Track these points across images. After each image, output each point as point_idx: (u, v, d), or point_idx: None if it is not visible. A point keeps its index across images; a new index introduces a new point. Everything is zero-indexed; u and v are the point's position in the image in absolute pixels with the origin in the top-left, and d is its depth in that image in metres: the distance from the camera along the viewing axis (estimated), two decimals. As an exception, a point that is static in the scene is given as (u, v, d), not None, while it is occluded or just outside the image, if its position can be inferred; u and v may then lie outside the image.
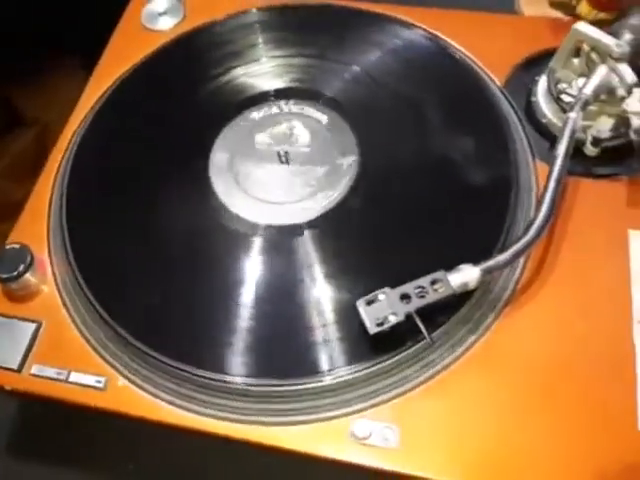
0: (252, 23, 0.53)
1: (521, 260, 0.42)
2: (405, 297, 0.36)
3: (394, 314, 0.36)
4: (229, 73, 0.50)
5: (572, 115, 0.42)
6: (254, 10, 0.54)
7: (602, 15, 0.54)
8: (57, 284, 0.45)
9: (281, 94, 0.50)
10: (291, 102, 0.49)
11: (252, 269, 0.42)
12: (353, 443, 0.36)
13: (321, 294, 0.40)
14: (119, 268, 0.43)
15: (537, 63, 0.49)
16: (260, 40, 0.52)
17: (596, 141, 0.43)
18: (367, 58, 0.50)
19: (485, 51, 0.51)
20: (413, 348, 0.37)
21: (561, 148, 0.41)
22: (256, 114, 0.49)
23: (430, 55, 0.49)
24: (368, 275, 0.40)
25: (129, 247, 0.44)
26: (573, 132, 0.41)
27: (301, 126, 0.48)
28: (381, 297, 0.36)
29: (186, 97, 0.50)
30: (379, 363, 0.37)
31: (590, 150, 0.44)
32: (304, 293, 0.40)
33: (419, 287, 0.36)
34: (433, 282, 0.37)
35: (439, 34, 0.52)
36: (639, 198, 0.43)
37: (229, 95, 0.49)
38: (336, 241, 0.43)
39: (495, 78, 0.50)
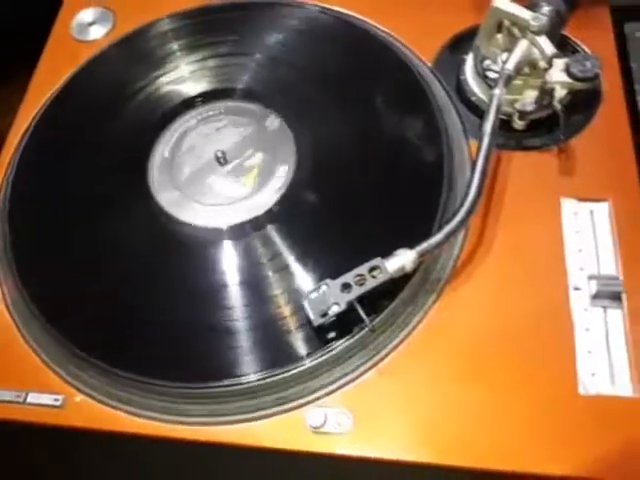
0: (166, 31, 0.53)
1: (459, 237, 0.43)
2: (346, 287, 0.37)
3: (336, 304, 0.37)
4: (153, 83, 0.50)
5: (496, 92, 0.42)
6: (166, 19, 0.54)
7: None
8: (6, 303, 0.45)
9: (207, 97, 0.50)
10: (218, 103, 0.49)
11: (193, 276, 0.42)
12: (309, 432, 0.37)
13: (265, 290, 0.41)
14: (66, 284, 0.43)
15: (465, 41, 0.50)
16: (175, 47, 0.52)
17: (522, 114, 0.44)
18: (286, 47, 0.50)
19: (414, 32, 0.52)
20: (358, 335, 0.38)
21: (487, 125, 0.41)
22: (185, 120, 0.49)
23: (352, 38, 0.50)
24: (314, 267, 0.41)
25: (75, 262, 0.44)
26: (498, 108, 0.42)
27: (231, 125, 0.48)
28: (323, 288, 0.37)
29: (115, 110, 0.50)
30: (327, 353, 0.38)
31: (518, 124, 0.45)
32: (250, 292, 0.40)
33: (358, 275, 0.37)
34: (371, 269, 0.38)
35: (366, 18, 0.53)
36: (568, 166, 0.44)
37: (156, 105, 0.49)
38: (281, 239, 0.43)
39: (425, 59, 0.51)
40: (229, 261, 0.42)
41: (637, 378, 0.37)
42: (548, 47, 0.43)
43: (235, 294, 0.40)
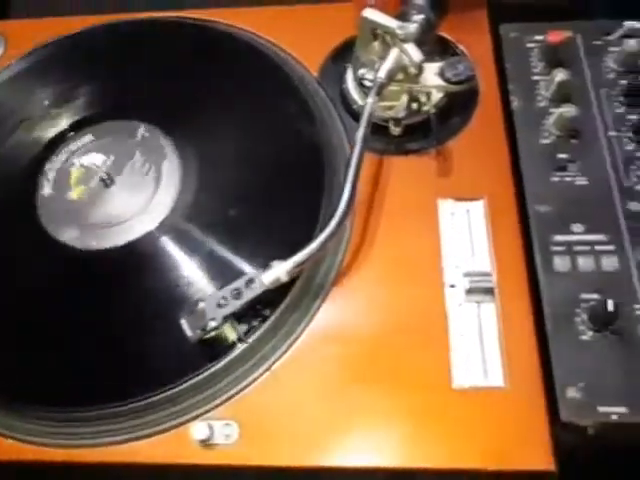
0: (34, 64, 0.54)
1: (343, 242, 0.44)
2: (222, 301, 0.38)
3: (213, 319, 0.38)
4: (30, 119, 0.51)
5: (368, 100, 0.44)
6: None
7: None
8: None
9: (74, 127, 0.50)
10: (86, 130, 0.50)
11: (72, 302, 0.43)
12: (196, 446, 0.38)
13: (146, 310, 0.41)
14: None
15: (348, 51, 0.51)
16: (44, 84, 0.53)
17: (396, 121, 0.46)
18: (167, 63, 0.51)
19: (301, 44, 0.53)
20: (239, 349, 0.39)
21: (358, 134, 0.43)
22: (67, 150, 0.49)
23: (235, 50, 0.51)
24: (198, 282, 0.42)
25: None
26: (370, 117, 0.44)
27: (106, 146, 0.49)
28: (201, 305, 0.38)
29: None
30: (210, 368, 0.38)
31: (394, 130, 0.47)
32: (131, 312, 0.41)
33: (235, 289, 0.38)
34: (248, 282, 0.39)
35: (254, 32, 0.54)
36: (445, 168, 0.46)
37: (35, 141, 0.50)
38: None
39: (311, 70, 0.52)
40: (109, 282, 0.43)
41: (508, 369, 0.39)
42: (415, 54, 0.44)
43: (116, 315, 0.41)
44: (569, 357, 0.38)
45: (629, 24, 0.50)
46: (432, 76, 0.47)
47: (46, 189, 0.48)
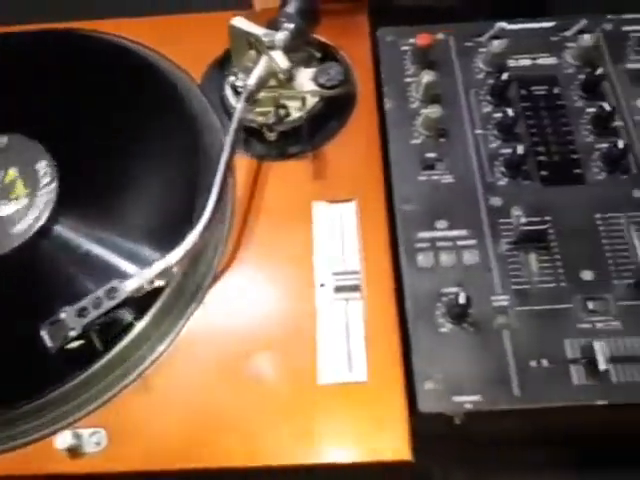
0: None
1: (220, 245, 0.45)
2: (82, 311, 0.38)
3: (73, 329, 0.38)
4: None
5: (237, 107, 0.45)
6: None
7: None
8: None
9: None
10: None
11: None
12: (64, 455, 0.38)
13: (11, 320, 0.41)
14: None
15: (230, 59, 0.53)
16: None
17: (268, 127, 0.47)
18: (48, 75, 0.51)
19: (186, 51, 0.53)
20: (106, 358, 0.39)
21: (227, 141, 0.44)
22: None
23: (116, 61, 0.51)
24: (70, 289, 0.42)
25: None
26: (239, 124, 0.44)
27: None
28: (62, 315, 0.38)
29: None
30: (76, 377, 0.39)
31: (269, 135, 0.48)
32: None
33: (96, 298, 0.39)
34: (110, 291, 0.39)
35: (143, 42, 0.54)
36: (320, 171, 0.47)
37: None
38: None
39: (195, 77, 0.52)
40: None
41: (371, 364, 0.40)
42: (282, 61, 0.45)
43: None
44: (428, 350, 0.40)
45: (499, 25, 0.51)
46: (307, 82, 0.48)
47: None
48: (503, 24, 0.52)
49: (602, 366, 0.37)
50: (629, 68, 0.49)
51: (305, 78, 0.48)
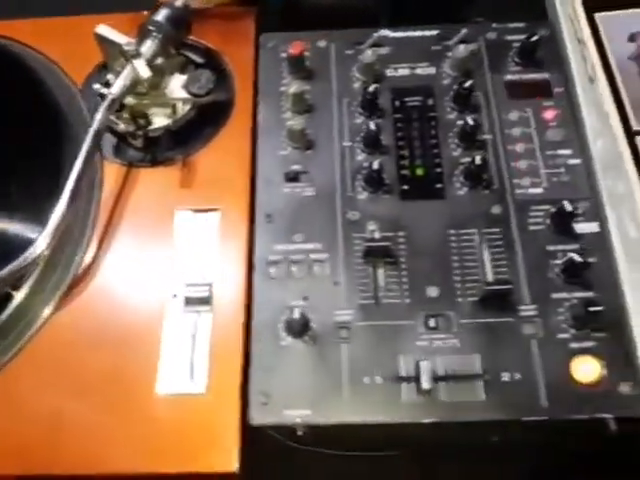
0: None
1: (80, 250, 0.45)
2: None
3: None
4: None
5: (96, 116, 0.45)
6: None
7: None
8: None
9: None
10: None
11: None
12: None
13: None
14: None
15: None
16: None
17: (131, 134, 0.47)
18: None
19: (71, 54, 0.53)
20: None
21: (83, 147, 0.43)
22: None
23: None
24: None
25: None
26: (97, 132, 0.44)
27: None
28: None
29: None
30: None
31: (134, 142, 0.48)
32: None
33: None
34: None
35: (27, 43, 0.54)
36: (188, 179, 0.47)
37: None
38: None
39: (77, 82, 0.52)
40: None
41: (212, 376, 0.40)
42: (143, 70, 0.45)
43: None
44: (268, 363, 0.40)
45: (380, 33, 0.51)
46: (178, 89, 0.48)
47: None
48: (386, 32, 0.52)
49: (426, 385, 0.37)
50: (507, 79, 0.49)
51: (177, 85, 0.48)
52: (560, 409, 0.38)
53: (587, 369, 0.39)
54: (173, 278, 0.44)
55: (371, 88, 0.47)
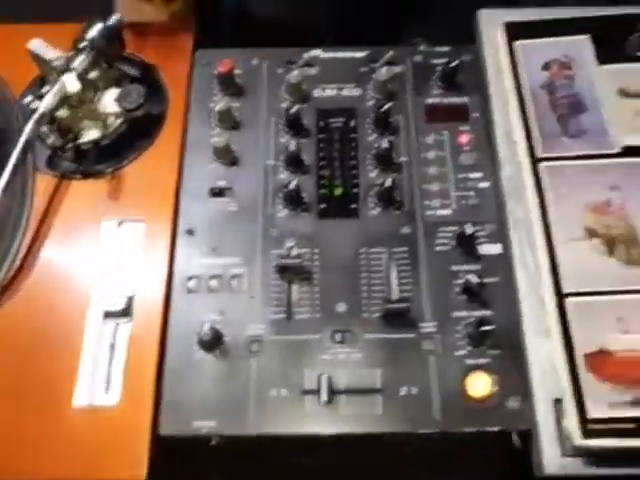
0: None
1: (7, 261, 0.46)
2: None
3: None
4: None
5: (25, 129, 0.46)
6: None
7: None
8: None
9: None
10: None
11: None
12: None
13: None
14: None
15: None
16: None
17: (60, 147, 0.48)
18: None
19: (13, 64, 0.53)
20: None
21: (10, 162, 0.45)
22: None
23: None
24: None
25: None
26: (25, 145, 0.46)
27: None
28: None
29: None
30: None
31: (64, 155, 0.49)
32: None
33: None
34: None
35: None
36: (115, 191, 0.48)
37: None
38: None
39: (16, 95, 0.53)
40: None
41: (127, 387, 0.42)
42: (72, 85, 0.46)
43: None
44: (180, 375, 0.42)
45: (312, 52, 0.53)
46: (111, 103, 0.49)
47: None
48: (317, 52, 0.53)
49: (323, 398, 0.40)
50: (427, 103, 0.51)
51: (110, 99, 0.50)
52: (452, 422, 0.41)
53: (480, 384, 0.41)
54: (96, 289, 0.45)
55: (294, 109, 0.48)
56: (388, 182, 0.46)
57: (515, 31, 0.52)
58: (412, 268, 0.45)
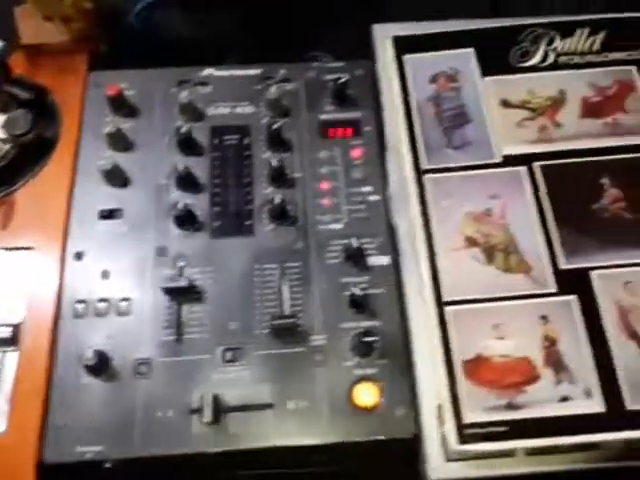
0: None
1: None
2: None
3: None
4: None
5: None
6: None
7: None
8: None
9: None
10: None
11: None
12: None
13: None
14: None
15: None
16: None
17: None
18: None
19: None
20: None
21: None
22: None
23: None
24: None
25: None
26: None
27: None
28: None
29: None
30: None
31: None
32: None
33: None
34: None
35: None
36: (3, 217, 0.48)
37: None
38: None
39: None
40: None
41: (14, 415, 0.41)
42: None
43: None
44: (67, 400, 0.42)
45: (205, 71, 0.53)
46: (-3, 128, 0.49)
47: None
48: (210, 70, 0.54)
49: (207, 417, 0.40)
50: (321, 119, 0.52)
51: (-3, 125, 0.49)
52: (340, 433, 0.41)
53: (367, 394, 0.42)
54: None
55: (184, 128, 0.49)
56: (277, 199, 0.46)
57: (404, 45, 0.53)
58: (304, 282, 0.45)
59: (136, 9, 0.65)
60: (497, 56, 0.52)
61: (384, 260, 0.47)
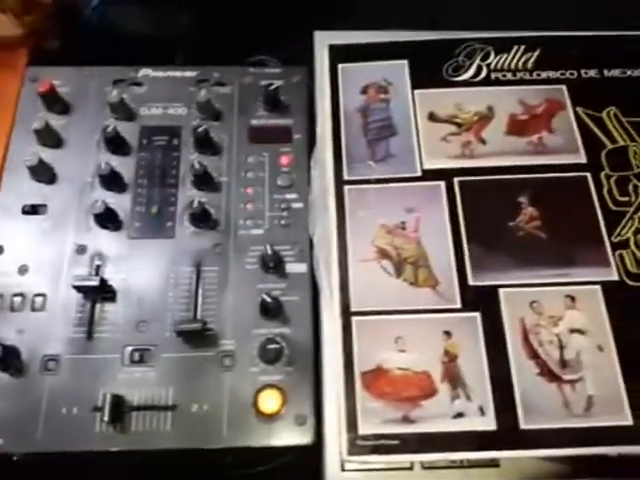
0: None
1: None
2: None
3: None
4: None
5: None
6: None
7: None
8: None
9: None
10: None
11: None
12: None
13: None
14: None
15: None
16: None
17: None
18: None
19: None
20: None
21: None
22: None
23: None
24: None
25: None
26: None
27: None
28: None
29: None
30: None
31: None
32: None
33: None
34: None
35: None
36: None
37: None
38: None
39: None
40: None
41: None
42: None
43: None
44: (-28, 395, 0.43)
45: (142, 72, 0.53)
46: None
47: None
48: (147, 70, 0.54)
49: (105, 417, 0.40)
50: (252, 124, 0.52)
51: None
52: (238, 438, 0.42)
53: (270, 401, 0.43)
54: None
55: (110, 127, 0.49)
56: (196, 202, 0.47)
57: (339, 53, 0.54)
58: (220, 287, 0.46)
59: (93, 3, 0.66)
60: (431, 69, 0.52)
61: (302, 267, 0.47)
